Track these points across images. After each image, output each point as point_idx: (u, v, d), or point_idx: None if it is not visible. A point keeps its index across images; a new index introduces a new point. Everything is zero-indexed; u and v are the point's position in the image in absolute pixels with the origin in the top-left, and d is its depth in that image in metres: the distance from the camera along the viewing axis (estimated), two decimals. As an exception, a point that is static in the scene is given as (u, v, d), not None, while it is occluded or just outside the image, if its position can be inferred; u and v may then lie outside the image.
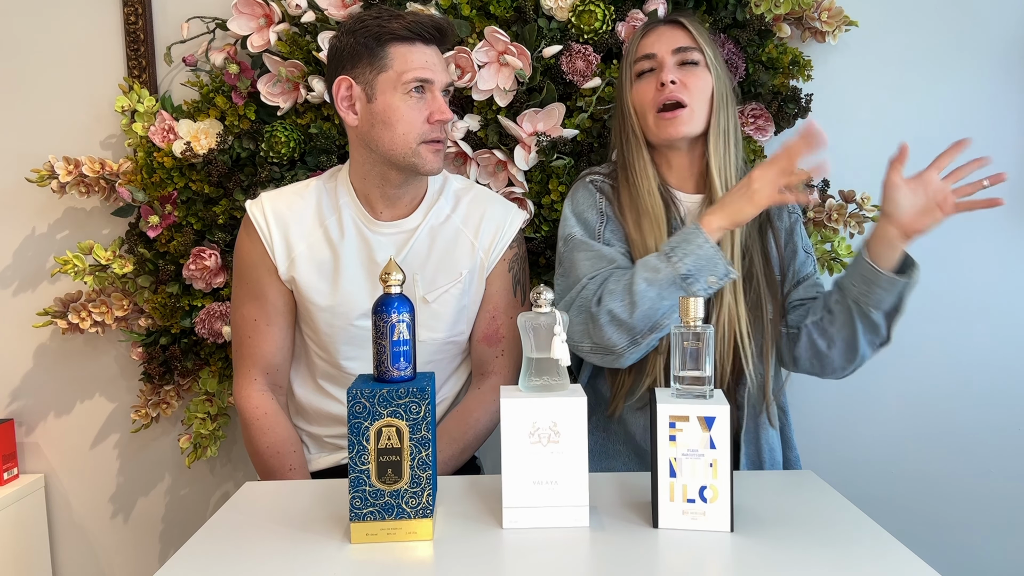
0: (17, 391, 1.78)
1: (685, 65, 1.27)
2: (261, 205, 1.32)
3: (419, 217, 1.34)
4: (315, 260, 1.31)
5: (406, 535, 0.90)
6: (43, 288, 1.74)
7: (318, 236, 1.32)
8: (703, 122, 1.27)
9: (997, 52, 1.64)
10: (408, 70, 1.22)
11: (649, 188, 1.29)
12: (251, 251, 1.33)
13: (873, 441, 1.73)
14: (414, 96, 1.24)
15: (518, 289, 1.40)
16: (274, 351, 1.34)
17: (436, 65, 1.26)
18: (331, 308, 1.30)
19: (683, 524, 0.92)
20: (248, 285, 1.34)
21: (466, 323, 1.37)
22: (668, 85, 1.25)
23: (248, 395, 1.33)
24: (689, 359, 0.93)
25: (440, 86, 1.26)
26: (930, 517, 1.73)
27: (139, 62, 1.67)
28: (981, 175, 1.13)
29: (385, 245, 1.32)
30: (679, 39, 1.28)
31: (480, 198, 1.39)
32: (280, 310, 1.34)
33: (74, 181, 1.62)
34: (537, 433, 0.92)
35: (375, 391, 0.89)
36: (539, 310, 0.95)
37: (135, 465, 1.79)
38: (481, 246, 1.35)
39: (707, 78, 1.27)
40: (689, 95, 1.25)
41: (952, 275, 1.69)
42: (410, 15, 1.25)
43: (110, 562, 1.81)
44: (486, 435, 1.38)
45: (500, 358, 1.38)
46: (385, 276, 0.92)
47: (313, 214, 1.33)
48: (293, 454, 1.34)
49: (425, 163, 1.26)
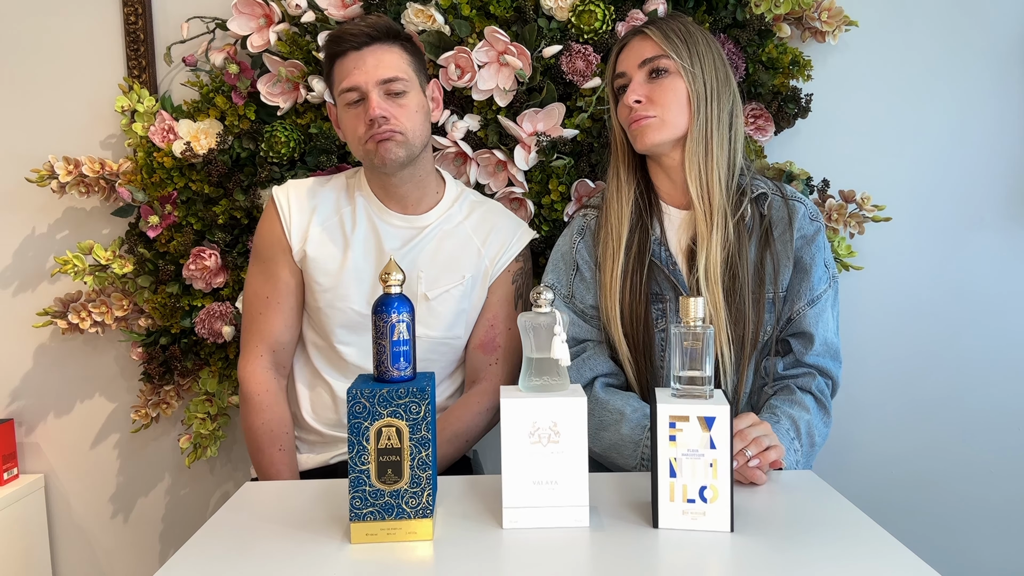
0: (17, 391, 1.78)
1: (655, 76, 1.25)
2: (286, 189, 1.39)
3: (432, 217, 1.38)
4: (326, 242, 1.36)
5: (406, 535, 0.90)
6: (43, 288, 1.74)
7: (334, 222, 1.37)
8: (679, 128, 1.24)
9: (997, 52, 1.64)
10: (341, 82, 1.30)
11: (619, 206, 1.29)
12: (271, 231, 1.38)
13: (873, 441, 1.73)
14: (353, 108, 1.29)
15: (519, 303, 1.42)
16: (282, 328, 1.38)
17: (365, 67, 1.27)
18: (333, 289, 1.35)
19: (683, 524, 0.92)
20: (263, 263, 1.39)
21: (464, 327, 1.39)
22: (633, 106, 1.24)
23: (253, 370, 1.37)
24: (689, 359, 0.93)
25: (372, 86, 1.27)
26: (930, 518, 1.73)
27: (139, 62, 1.67)
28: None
29: (393, 236, 1.36)
30: (645, 50, 1.25)
31: (494, 211, 1.44)
32: (291, 290, 1.38)
33: (74, 181, 1.62)
34: (537, 433, 0.92)
35: (375, 391, 0.88)
36: (539, 310, 0.95)
37: (135, 465, 1.79)
38: (488, 254, 1.39)
39: (678, 84, 1.23)
40: (656, 108, 1.23)
41: (952, 275, 1.69)
42: (344, 26, 1.32)
43: (110, 562, 1.81)
44: (467, 436, 1.38)
45: (494, 366, 1.40)
46: (385, 276, 0.92)
47: (333, 202, 1.39)
48: (285, 436, 1.37)
49: (375, 157, 1.29)
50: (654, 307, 1.27)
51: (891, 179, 1.67)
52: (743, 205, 1.26)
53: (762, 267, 1.25)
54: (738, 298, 1.23)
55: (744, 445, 1.04)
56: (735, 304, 1.23)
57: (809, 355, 1.25)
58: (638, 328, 1.26)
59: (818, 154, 1.65)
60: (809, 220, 1.29)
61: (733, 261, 1.23)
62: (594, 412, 1.24)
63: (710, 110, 1.24)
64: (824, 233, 1.30)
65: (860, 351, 1.68)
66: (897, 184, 1.67)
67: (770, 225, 1.27)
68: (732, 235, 1.24)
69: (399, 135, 1.28)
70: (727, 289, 1.23)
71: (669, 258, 1.28)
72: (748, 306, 1.23)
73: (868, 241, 1.66)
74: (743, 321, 1.23)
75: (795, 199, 1.30)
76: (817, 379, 1.25)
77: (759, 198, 1.28)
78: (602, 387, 1.28)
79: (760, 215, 1.27)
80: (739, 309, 1.23)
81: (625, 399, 1.24)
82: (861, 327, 1.69)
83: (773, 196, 1.29)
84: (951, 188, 1.67)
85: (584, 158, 1.55)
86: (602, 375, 1.29)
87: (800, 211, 1.28)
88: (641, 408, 1.22)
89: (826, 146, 1.66)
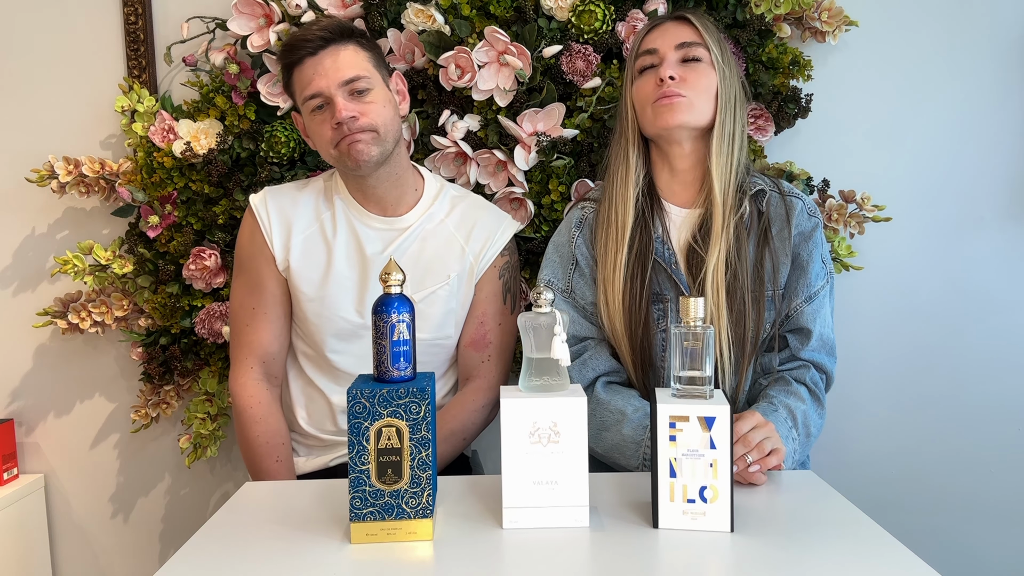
0: (17, 391, 1.78)
1: (688, 62, 1.24)
2: (263, 197, 1.37)
3: (412, 218, 1.36)
4: (309, 251, 1.34)
5: (406, 535, 0.90)
6: (43, 288, 1.74)
7: (314, 230, 1.35)
8: (704, 117, 1.24)
9: (997, 52, 1.64)
10: (302, 91, 1.28)
11: (625, 197, 1.27)
12: (251, 241, 1.36)
13: (873, 440, 1.73)
14: (319, 114, 1.28)
15: (508, 297, 1.41)
16: (271, 339, 1.37)
17: (325, 70, 1.25)
18: (320, 299, 1.33)
19: (683, 524, 0.92)
20: (247, 275, 1.37)
21: (453, 327, 1.38)
22: (667, 80, 1.22)
23: (244, 383, 1.36)
24: (689, 359, 0.93)
25: (334, 88, 1.25)
26: (930, 517, 1.73)
27: (139, 62, 1.67)
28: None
29: (374, 239, 1.35)
30: (683, 34, 1.25)
31: (475, 206, 1.42)
32: (278, 299, 1.36)
33: (74, 181, 1.62)
34: (537, 433, 0.92)
35: (375, 391, 0.88)
36: (539, 310, 0.95)
37: (135, 465, 1.79)
38: (471, 251, 1.37)
39: (711, 76, 1.24)
40: (689, 89, 1.22)
41: (952, 275, 1.69)
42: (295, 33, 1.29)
43: (110, 562, 1.81)
44: (463, 434, 1.37)
45: (486, 363, 1.39)
46: (385, 276, 0.92)
47: (312, 208, 1.37)
48: (281, 447, 1.36)
49: (347, 158, 1.28)
50: (655, 307, 1.27)
51: (891, 179, 1.67)
52: (743, 204, 1.25)
53: (761, 266, 1.25)
54: (738, 297, 1.23)
55: (747, 450, 1.04)
56: (736, 304, 1.23)
57: (805, 350, 1.26)
58: (638, 327, 1.26)
59: (818, 154, 1.65)
60: (807, 216, 1.29)
61: (733, 261, 1.23)
62: (595, 413, 1.24)
63: (735, 112, 1.25)
64: (821, 229, 1.30)
65: (860, 351, 1.69)
66: (897, 184, 1.67)
67: (768, 222, 1.27)
68: (732, 235, 1.24)
69: (371, 132, 1.26)
70: (729, 289, 1.23)
71: (672, 257, 1.27)
72: (748, 305, 1.23)
73: (868, 241, 1.66)
74: (743, 321, 1.23)
75: (793, 195, 1.30)
76: (811, 371, 1.26)
77: (757, 195, 1.28)
78: (603, 387, 1.28)
79: (759, 212, 1.27)
80: (740, 310, 1.23)
81: (626, 399, 1.24)
82: (861, 327, 1.69)
83: (771, 192, 1.29)
84: (951, 188, 1.67)
85: (584, 158, 1.55)
86: (604, 374, 1.29)
87: (798, 207, 1.28)
88: (642, 408, 1.22)
89: (826, 146, 1.66)
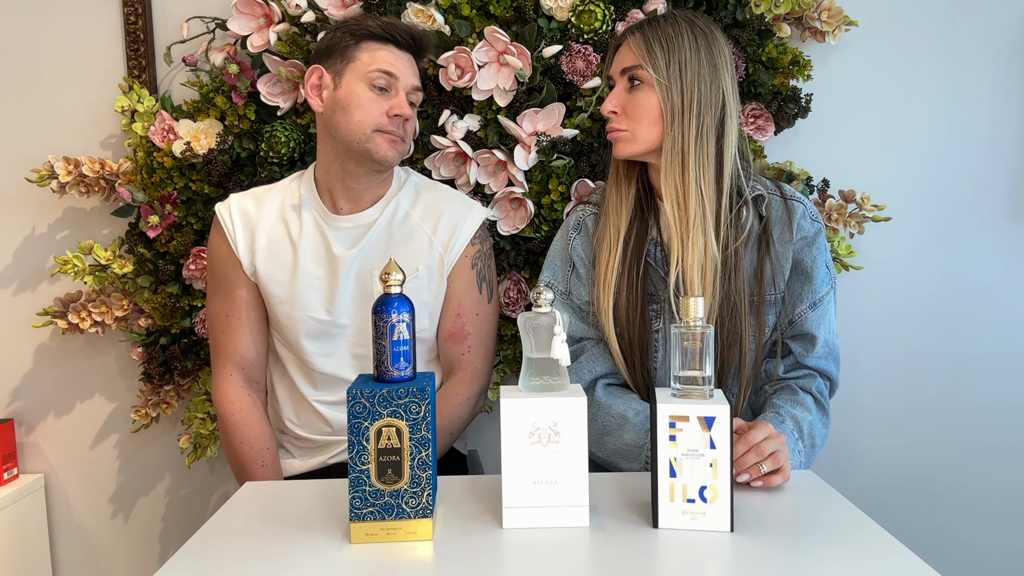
0: (17, 391, 1.78)
1: (633, 85, 1.22)
2: (228, 204, 1.38)
3: (376, 212, 1.36)
4: (275, 253, 1.35)
5: (406, 535, 0.90)
6: (43, 288, 1.74)
7: (279, 231, 1.36)
8: (651, 142, 1.21)
9: (997, 52, 1.64)
10: (374, 63, 1.28)
11: (619, 198, 1.28)
12: (219, 248, 1.37)
13: (872, 440, 1.73)
14: (375, 90, 1.28)
15: (483, 286, 1.40)
16: (247, 345, 1.37)
17: (404, 66, 1.31)
18: (289, 300, 1.34)
19: (683, 524, 0.92)
20: (218, 282, 1.38)
21: (428, 319, 1.37)
22: (609, 115, 1.24)
23: (224, 390, 1.36)
24: (689, 359, 0.93)
25: (405, 87, 1.31)
26: (930, 517, 1.73)
27: (139, 62, 1.67)
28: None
29: (342, 239, 1.35)
30: (625, 59, 1.23)
31: (441, 196, 1.41)
32: (250, 304, 1.37)
33: (74, 181, 1.62)
34: (537, 433, 0.92)
35: (375, 391, 0.89)
36: (539, 310, 0.95)
37: (135, 465, 1.79)
38: (439, 242, 1.36)
39: (650, 97, 1.20)
40: (628, 121, 1.22)
41: (951, 274, 1.69)
42: (390, 19, 1.32)
43: (110, 562, 1.81)
44: (450, 428, 1.36)
45: (467, 355, 1.39)
46: (385, 276, 0.92)
47: (276, 211, 1.38)
48: (266, 451, 1.36)
49: (379, 149, 1.28)
50: (650, 307, 1.27)
51: (891, 179, 1.67)
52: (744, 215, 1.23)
53: (761, 274, 1.23)
54: (732, 303, 1.21)
55: (760, 460, 1.03)
56: (730, 308, 1.21)
57: (810, 357, 1.25)
58: (634, 327, 1.26)
59: (818, 154, 1.65)
60: (810, 220, 1.27)
61: (728, 267, 1.21)
62: (596, 417, 1.24)
63: (686, 125, 1.18)
64: (824, 234, 1.28)
65: (859, 351, 1.69)
66: (897, 184, 1.67)
67: (769, 226, 1.25)
68: (717, 253, 1.20)
69: (404, 142, 1.32)
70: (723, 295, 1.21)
71: (664, 259, 1.26)
72: (744, 312, 1.22)
73: (868, 241, 1.66)
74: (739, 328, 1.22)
75: (794, 199, 1.28)
76: (817, 380, 1.25)
77: (756, 200, 1.25)
78: (604, 390, 1.28)
79: (760, 217, 1.25)
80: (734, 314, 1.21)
81: (628, 402, 1.24)
82: (861, 327, 1.69)
83: (771, 196, 1.26)
84: (951, 188, 1.68)
85: (584, 158, 1.55)
86: (602, 376, 1.29)
87: (799, 211, 1.26)
88: (644, 411, 1.22)
89: (826, 146, 1.66)
